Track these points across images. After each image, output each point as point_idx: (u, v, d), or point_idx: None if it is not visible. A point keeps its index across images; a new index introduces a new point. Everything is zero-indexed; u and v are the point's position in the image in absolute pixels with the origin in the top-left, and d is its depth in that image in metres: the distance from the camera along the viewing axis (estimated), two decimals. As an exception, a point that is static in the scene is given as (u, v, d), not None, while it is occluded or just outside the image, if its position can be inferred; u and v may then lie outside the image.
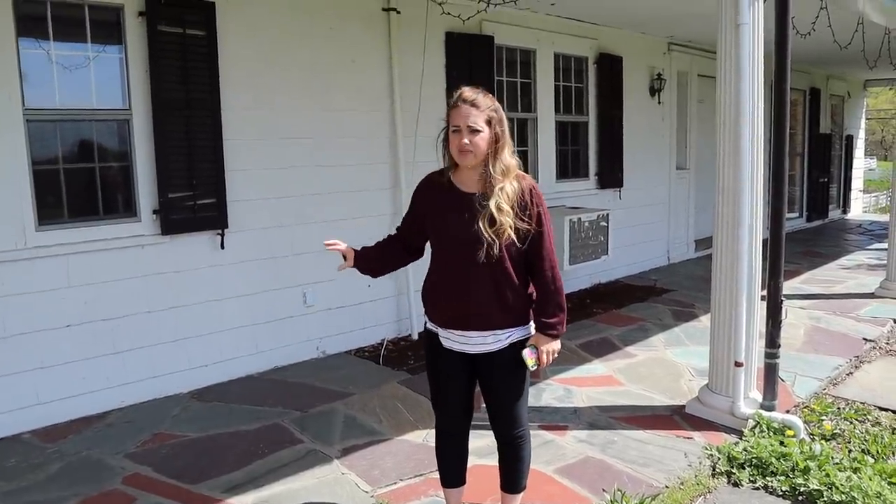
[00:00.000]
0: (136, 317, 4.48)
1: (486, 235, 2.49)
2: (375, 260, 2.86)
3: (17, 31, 3.95)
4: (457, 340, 2.68)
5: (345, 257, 2.82)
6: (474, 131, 2.51)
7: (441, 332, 2.72)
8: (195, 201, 4.60)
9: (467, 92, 2.57)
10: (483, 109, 2.53)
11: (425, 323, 2.82)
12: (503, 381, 2.70)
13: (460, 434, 2.89)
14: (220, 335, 4.86)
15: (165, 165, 4.46)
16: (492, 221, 2.50)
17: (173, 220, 4.53)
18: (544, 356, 2.66)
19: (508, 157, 2.59)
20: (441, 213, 2.65)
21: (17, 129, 3.97)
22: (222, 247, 4.79)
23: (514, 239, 2.54)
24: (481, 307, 2.59)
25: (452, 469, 2.93)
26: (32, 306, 4.09)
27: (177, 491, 3.38)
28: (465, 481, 2.98)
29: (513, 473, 2.87)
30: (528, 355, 2.63)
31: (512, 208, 2.53)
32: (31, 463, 3.70)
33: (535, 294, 2.69)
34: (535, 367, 2.66)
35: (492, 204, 2.51)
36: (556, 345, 2.70)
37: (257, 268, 5.03)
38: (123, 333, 4.44)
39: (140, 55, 4.36)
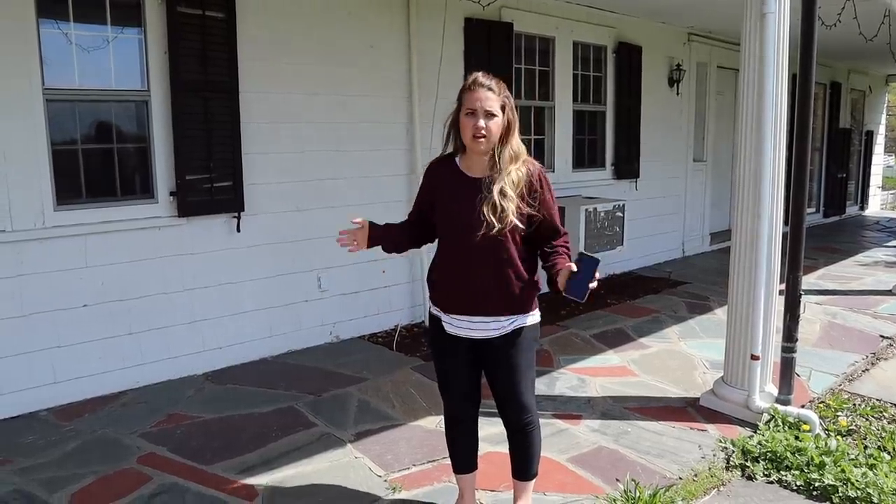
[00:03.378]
0: (152, 298, 4.50)
1: (488, 219, 2.49)
2: (397, 232, 2.85)
3: (38, 12, 3.95)
4: (460, 326, 2.67)
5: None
6: (490, 115, 2.50)
7: (444, 317, 2.71)
8: (212, 184, 4.61)
9: (482, 76, 2.55)
10: (498, 94, 2.52)
11: (430, 308, 2.82)
12: (507, 367, 2.68)
13: (468, 420, 2.90)
14: (235, 318, 4.88)
15: (183, 147, 4.46)
16: (494, 207, 2.49)
17: (190, 202, 4.53)
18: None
19: (518, 143, 2.59)
20: (449, 199, 2.63)
21: (37, 109, 3.98)
22: (238, 230, 4.80)
23: (518, 223, 2.53)
24: (484, 292, 2.59)
25: (463, 455, 2.94)
26: (50, 286, 4.12)
27: (191, 471, 3.40)
28: (476, 466, 2.98)
29: (524, 461, 2.86)
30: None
31: (519, 194, 2.53)
32: (48, 440, 3.73)
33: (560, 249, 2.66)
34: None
35: (496, 189, 2.50)
36: None
37: (272, 252, 5.04)
38: (139, 314, 4.46)
39: (159, 36, 4.36)
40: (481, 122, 2.48)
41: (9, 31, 3.85)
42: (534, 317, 2.72)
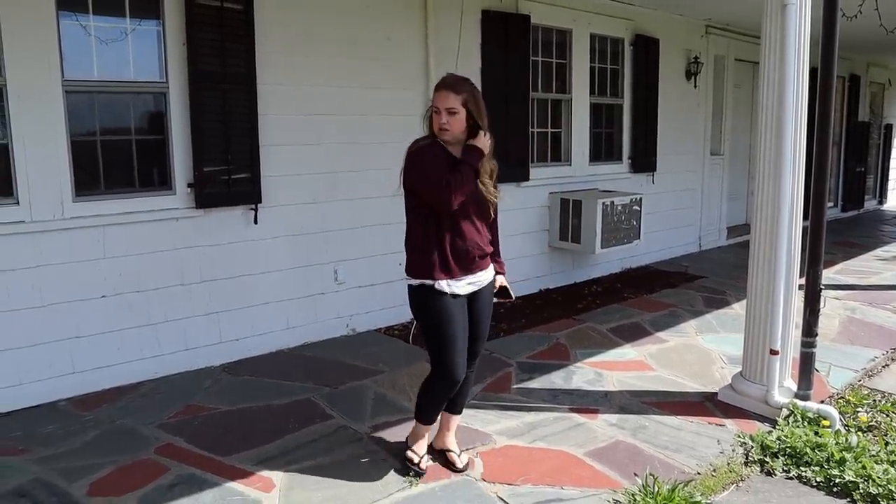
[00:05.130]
0: (169, 289, 4.52)
1: (493, 195, 3.12)
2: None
3: (58, 5, 3.96)
4: (471, 281, 3.10)
5: None
6: (451, 112, 2.96)
7: (456, 281, 3.05)
8: (229, 175, 4.61)
9: (449, 78, 3.03)
10: (460, 94, 2.96)
11: (432, 286, 3.02)
12: (487, 310, 3.26)
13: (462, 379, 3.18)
14: (252, 310, 4.90)
15: (201, 139, 4.47)
16: (487, 189, 3.11)
17: (208, 193, 4.55)
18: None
19: (484, 136, 3.06)
20: None
21: (57, 101, 4.00)
22: (255, 222, 4.81)
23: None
24: (485, 252, 3.16)
25: (440, 408, 3.30)
26: (69, 276, 4.15)
27: (209, 462, 3.42)
28: None
29: (466, 396, 3.41)
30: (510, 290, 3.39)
31: (491, 178, 3.12)
32: (67, 430, 3.76)
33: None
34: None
35: (490, 172, 3.14)
36: None
37: (289, 244, 5.05)
38: (157, 305, 4.49)
39: (177, 28, 4.36)
40: (443, 119, 2.97)
41: (29, 24, 3.87)
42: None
